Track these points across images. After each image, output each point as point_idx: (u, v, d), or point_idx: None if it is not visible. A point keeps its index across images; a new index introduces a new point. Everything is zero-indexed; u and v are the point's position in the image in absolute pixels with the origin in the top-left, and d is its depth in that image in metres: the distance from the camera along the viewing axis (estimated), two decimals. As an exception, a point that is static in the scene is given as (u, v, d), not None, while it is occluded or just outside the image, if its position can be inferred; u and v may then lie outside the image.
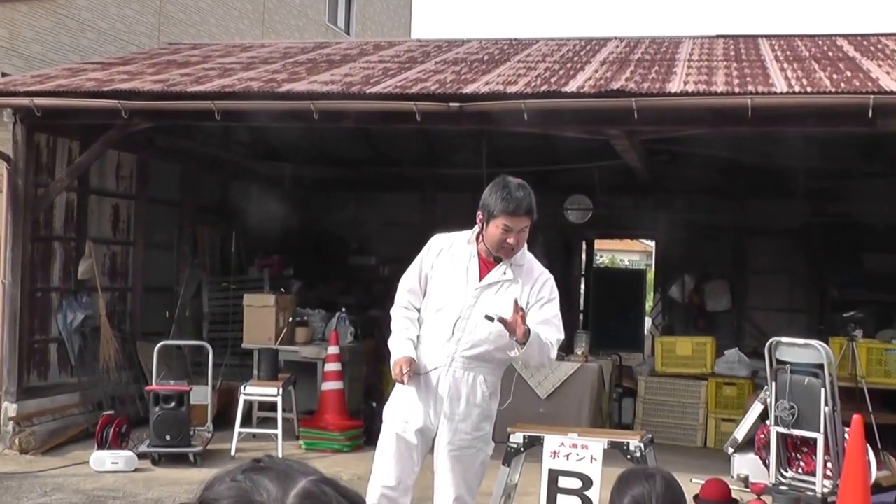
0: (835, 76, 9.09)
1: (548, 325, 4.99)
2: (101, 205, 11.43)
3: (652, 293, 17.12)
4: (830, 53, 10.95)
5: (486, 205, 5.02)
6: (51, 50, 12.10)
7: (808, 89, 8.31)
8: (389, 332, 5.28)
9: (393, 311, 5.27)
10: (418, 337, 5.16)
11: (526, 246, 5.12)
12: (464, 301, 5.02)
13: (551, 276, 5.16)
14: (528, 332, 4.76)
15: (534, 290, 5.04)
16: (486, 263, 5.09)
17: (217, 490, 1.41)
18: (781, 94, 8.26)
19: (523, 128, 9.15)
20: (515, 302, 4.78)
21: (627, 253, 38.48)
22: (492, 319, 4.82)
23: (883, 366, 10.45)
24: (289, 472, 1.41)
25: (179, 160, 12.88)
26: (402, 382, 4.98)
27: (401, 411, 5.13)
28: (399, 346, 5.10)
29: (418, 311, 5.22)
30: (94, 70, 11.11)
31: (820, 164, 12.64)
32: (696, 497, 7.79)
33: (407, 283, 5.26)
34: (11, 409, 9.75)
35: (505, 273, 5.03)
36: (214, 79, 10.24)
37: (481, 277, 5.05)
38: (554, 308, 5.07)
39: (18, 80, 10.34)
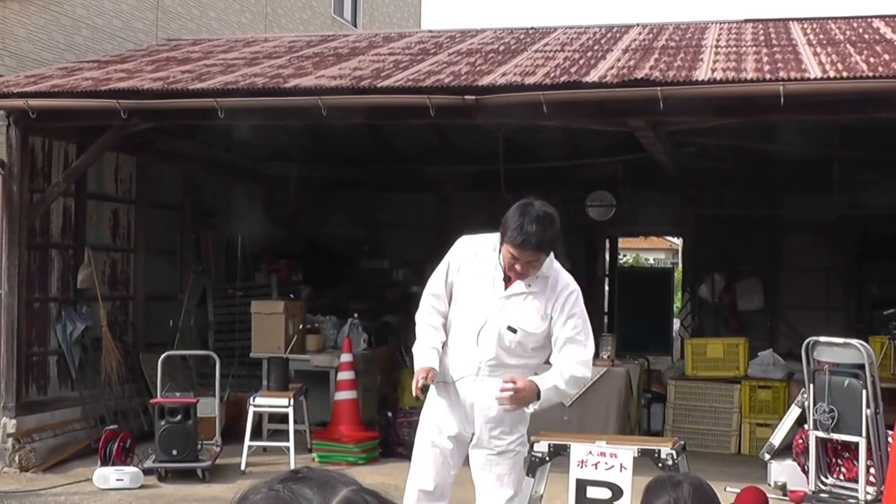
0: (872, 60, 9.04)
1: (571, 344, 5.15)
2: (100, 210, 11.47)
3: (680, 293, 17.08)
4: (866, 36, 10.90)
5: (503, 224, 5.12)
6: (44, 49, 12.13)
7: (844, 74, 8.27)
8: (413, 338, 5.40)
9: (417, 317, 5.37)
10: (445, 344, 5.31)
11: (552, 255, 5.22)
12: (488, 310, 5.17)
13: (577, 288, 5.27)
14: (538, 391, 5.00)
15: (557, 304, 5.17)
16: None
17: (253, 500, 1.42)
18: (815, 79, 8.22)
19: (542, 121, 9.15)
20: (505, 390, 4.97)
21: (652, 251, 38.42)
22: (514, 331, 5.10)
23: (927, 365, 10.39)
24: (329, 481, 1.43)
25: (180, 162, 12.91)
26: (413, 392, 5.16)
27: (434, 418, 5.35)
28: (421, 355, 5.23)
29: (445, 316, 5.34)
30: (91, 69, 11.14)
31: (857, 153, 12.58)
32: (731, 506, 7.77)
33: (433, 286, 5.36)
34: (10, 424, 9.79)
35: (530, 285, 5.16)
36: (216, 75, 10.26)
37: (506, 287, 5.18)
38: (575, 323, 5.18)
39: (11, 81, 10.37)
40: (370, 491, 1.43)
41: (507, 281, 5.18)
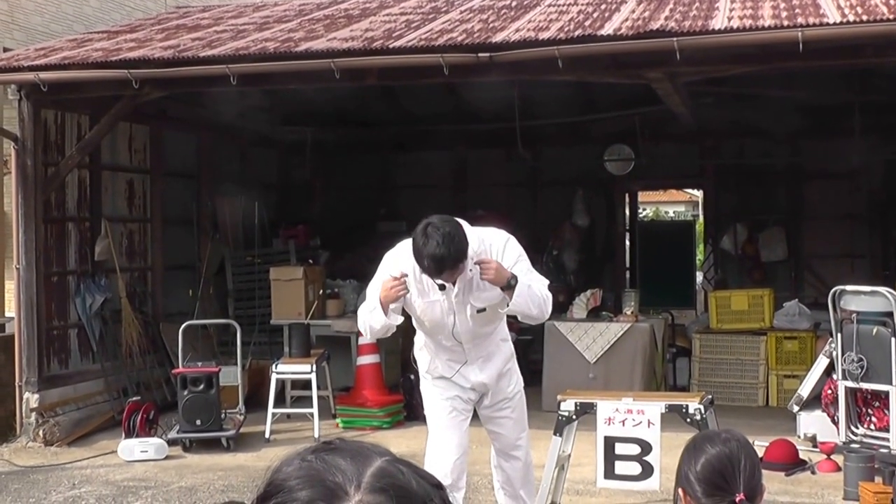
0: (892, 2, 8.88)
1: (529, 277, 5.40)
2: (115, 181, 11.46)
3: (702, 245, 16.99)
4: (885, -22, 10.73)
5: (414, 253, 5.28)
6: (53, 21, 12.09)
7: (864, 18, 8.14)
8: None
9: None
10: (425, 353, 5.76)
11: (470, 228, 5.37)
12: (450, 311, 5.46)
13: (510, 237, 5.52)
14: (512, 277, 5.26)
15: (502, 263, 5.37)
16: None
17: (286, 472, 1.41)
18: (834, 24, 8.09)
19: (558, 76, 9.06)
20: (481, 262, 5.27)
21: (672, 204, 38.22)
22: (483, 310, 5.46)
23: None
24: (363, 451, 1.42)
25: (194, 130, 12.87)
26: (398, 288, 5.32)
27: (449, 388, 5.68)
28: (374, 296, 5.43)
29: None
30: (101, 39, 11.10)
31: (879, 98, 12.43)
32: (760, 460, 7.73)
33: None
34: (33, 399, 9.83)
35: (471, 269, 5.36)
36: (227, 41, 10.19)
37: (454, 283, 5.40)
38: (524, 265, 5.44)
39: (21, 55, 10.34)
40: (404, 461, 1.42)
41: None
